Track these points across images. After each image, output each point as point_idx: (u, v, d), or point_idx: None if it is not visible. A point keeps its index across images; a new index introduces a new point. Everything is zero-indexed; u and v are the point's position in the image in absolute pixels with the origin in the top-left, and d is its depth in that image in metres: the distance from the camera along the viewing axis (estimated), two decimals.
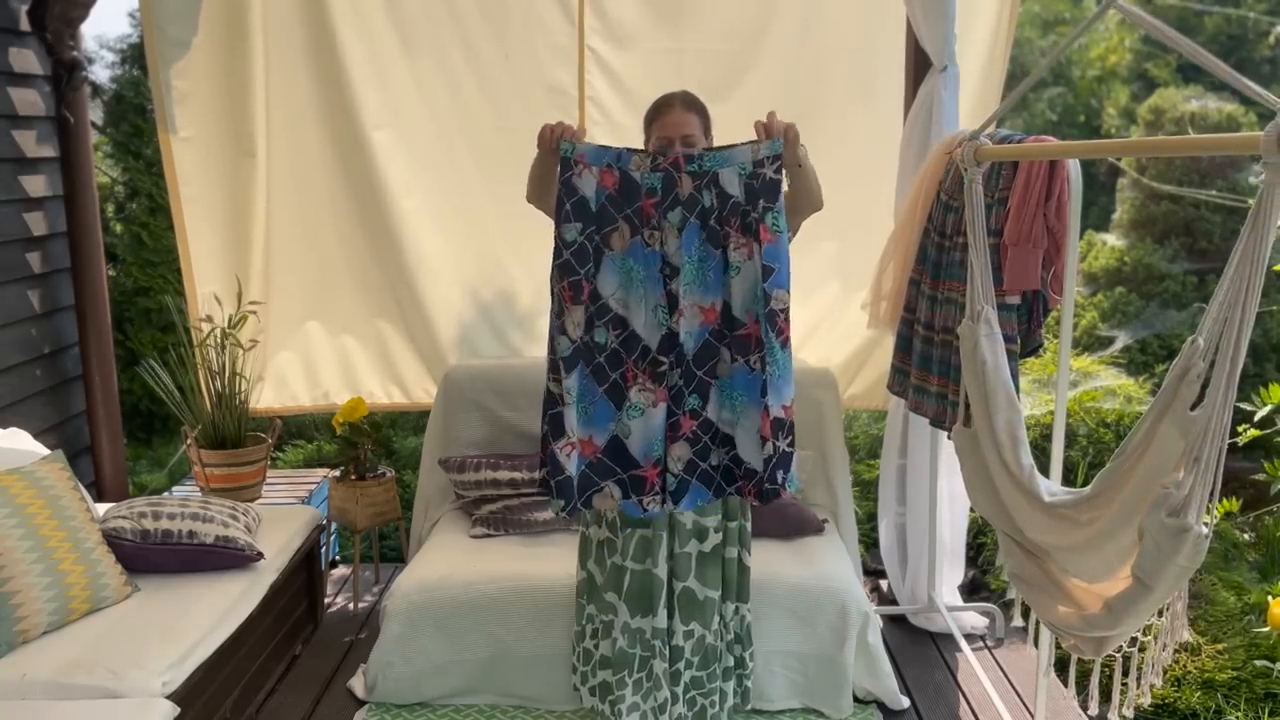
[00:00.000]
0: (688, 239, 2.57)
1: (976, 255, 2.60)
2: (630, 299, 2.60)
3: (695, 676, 2.86)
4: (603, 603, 2.88)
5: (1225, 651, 3.40)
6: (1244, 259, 1.76)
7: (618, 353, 2.61)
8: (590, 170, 2.57)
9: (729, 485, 2.66)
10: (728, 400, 2.63)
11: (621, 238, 2.58)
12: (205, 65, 3.88)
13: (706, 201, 2.56)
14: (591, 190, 2.57)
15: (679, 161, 2.57)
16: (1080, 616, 2.19)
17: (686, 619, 2.81)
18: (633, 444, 2.62)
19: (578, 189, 2.57)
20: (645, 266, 2.58)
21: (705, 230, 2.57)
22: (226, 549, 3.11)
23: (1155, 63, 10.63)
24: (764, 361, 2.56)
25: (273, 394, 4.26)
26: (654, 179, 2.57)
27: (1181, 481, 1.85)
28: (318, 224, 4.11)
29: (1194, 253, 7.27)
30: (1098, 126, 10.69)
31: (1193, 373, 1.85)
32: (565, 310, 2.59)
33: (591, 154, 2.57)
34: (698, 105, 2.77)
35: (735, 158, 2.56)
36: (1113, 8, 2.24)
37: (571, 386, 2.59)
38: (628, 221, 2.58)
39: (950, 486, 3.68)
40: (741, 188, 2.55)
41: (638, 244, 2.58)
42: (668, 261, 2.58)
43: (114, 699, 2.49)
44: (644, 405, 2.60)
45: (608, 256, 2.59)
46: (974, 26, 3.74)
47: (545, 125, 2.62)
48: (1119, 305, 7.00)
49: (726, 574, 2.86)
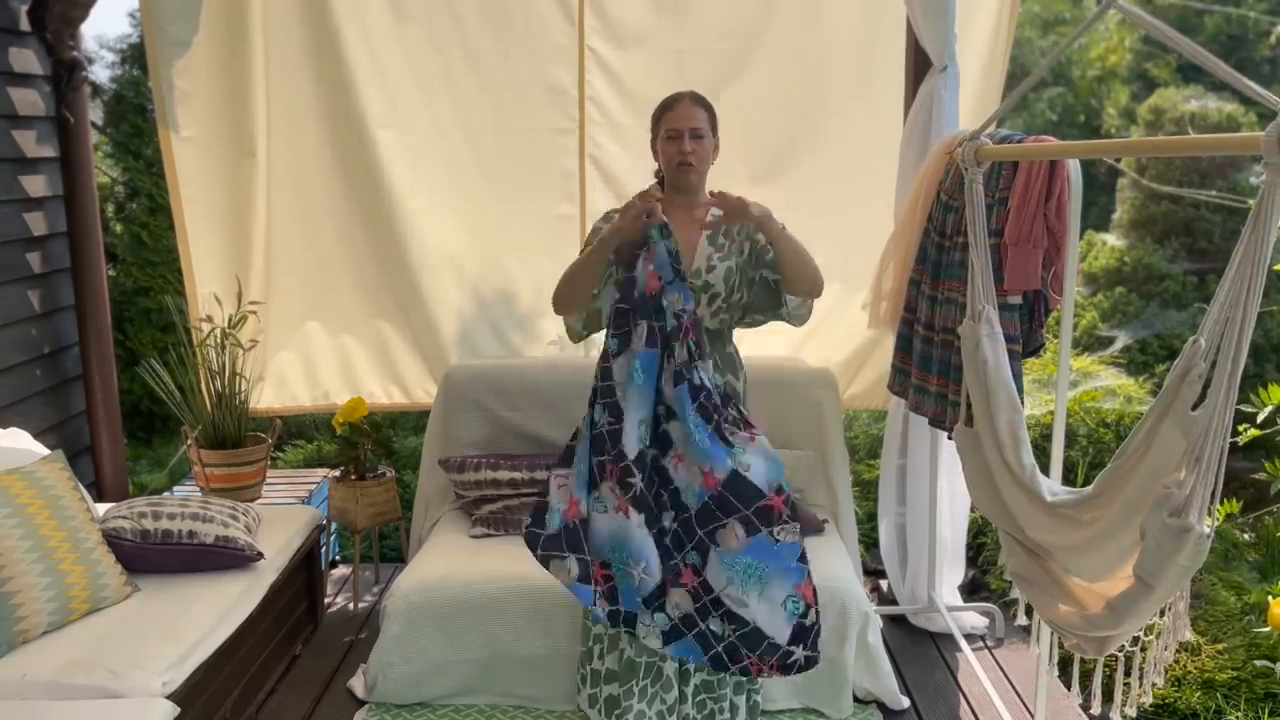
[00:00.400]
0: (679, 396, 2.63)
1: (977, 255, 2.60)
2: (628, 400, 2.64)
3: (705, 680, 2.86)
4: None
5: (1225, 651, 3.40)
6: (1245, 259, 1.76)
7: (604, 438, 2.67)
8: (644, 263, 2.64)
9: (733, 663, 2.66)
10: (738, 576, 2.63)
11: (639, 339, 2.64)
12: (206, 65, 3.89)
13: (695, 379, 2.64)
14: (642, 279, 2.64)
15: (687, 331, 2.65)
16: (1082, 616, 2.19)
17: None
18: (596, 533, 2.67)
19: (635, 268, 2.65)
20: (648, 377, 2.65)
21: (695, 404, 2.64)
22: (226, 549, 3.11)
23: (1155, 63, 10.64)
24: (798, 532, 2.64)
25: (273, 394, 4.26)
26: (673, 323, 2.65)
27: (1183, 481, 1.85)
28: (318, 224, 4.11)
29: (1194, 253, 7.27)
30: (1098, 126, 10.69)
31: (1194, 373, 1.85)
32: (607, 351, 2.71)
33: (661, 253, 2.65)
34: (706, 103, 2.82)
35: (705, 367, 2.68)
36: (1113, 8, 2.24)
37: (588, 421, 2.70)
38: (650, 328, 2.65)
39: (950, 486, 3.68)
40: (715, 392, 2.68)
41: (651, 355, 2.64)
42: (662, 398, 2.66)
43: (114, 699, 2.49)
44: (607, 504, 2.66)
45: (626, 351, 2.65)
46: (974, 26, 3.74)
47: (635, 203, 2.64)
48: (1119, 305, 7.00)
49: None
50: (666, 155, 2.78)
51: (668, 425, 2.66)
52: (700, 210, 2.83)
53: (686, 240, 2.81)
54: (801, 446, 3.75)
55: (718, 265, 2.80)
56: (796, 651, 2.64)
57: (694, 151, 2.74)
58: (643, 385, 2.64)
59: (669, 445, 2.66)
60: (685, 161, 2.74)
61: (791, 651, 2.64)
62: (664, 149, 2.78)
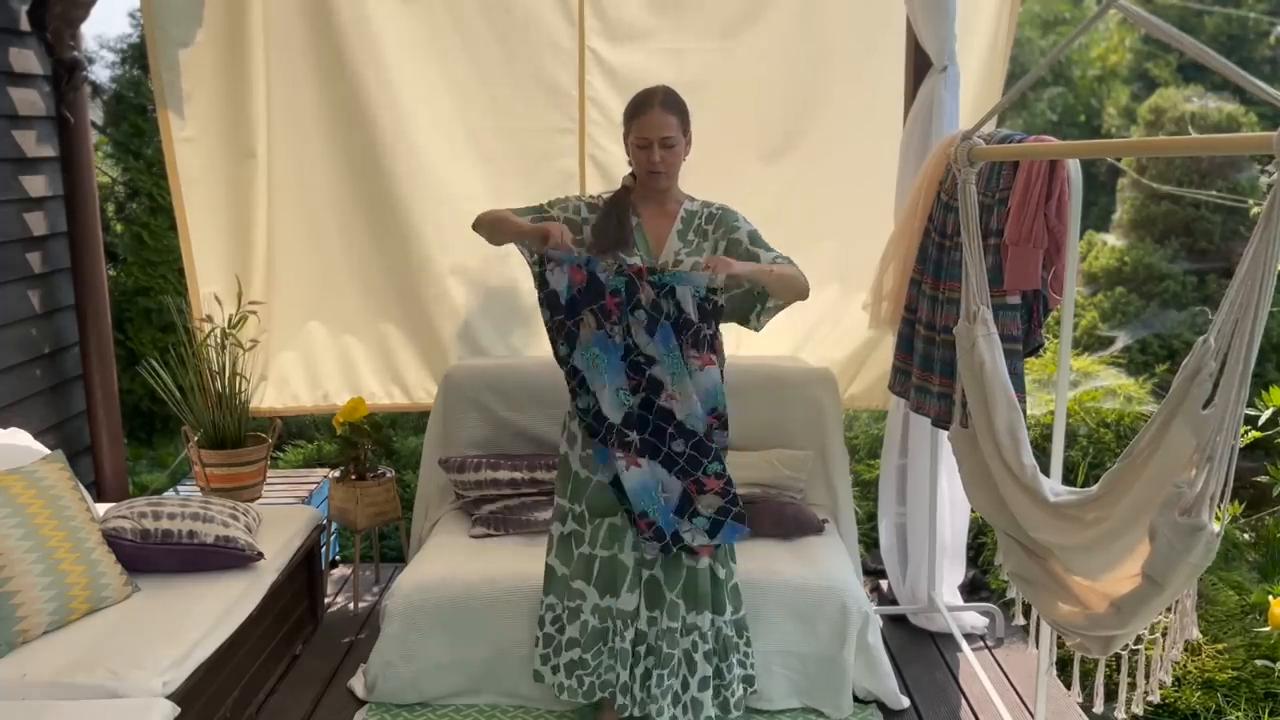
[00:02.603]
0: (662, 337, 2.73)
1: (971, 255, 2.60)
2: (594, 382, 2.78)
3: (646, 669, 2.90)
4: (570, 591, 2.92)
5: (1225, 651, 3.40)
6: (1256, 257, 1.76)
7: (600, 415, 2.80)
8: (561, 268, 2.75)
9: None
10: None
11: (588, 328, 2.77)
12: (207, 65, 3.89)
13: (667, 309, 2.73)
14: (562, 286, 2.75)
15: (642, 272, 2.73)
16: (1086, 615, 2.19)
17: (652, 605, 2.87)
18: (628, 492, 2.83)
19: (549, 283, 2.76)
20: (607, 355, 2.77)
21: (675, 330, 2.74)
22: (227, 549, 3.11)
23: (1155, 63, 10.64)
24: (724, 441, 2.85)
25: (274, 394, 4.27)
26: (618, 281, 2.74)
27: (1193, 480, 1.85)
28: (320, 224, 4.11)
29: (1194, 253, 7.27)
30: (1098, 126, 10.69)
31: (1204, 372, 1.85)
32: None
33: (563, 256, 2.75)
34: (677, 105, 2.82)
35: (692, 280, 2.72)
36: (1114, 7, 2.23)
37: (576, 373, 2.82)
38: (593, 315, 2.75)
39: (950, 486, 3.68)
40: (695, 308, 2.72)
41: (601, 336, 2.76)
42: (637, 351, 2.76)
43: (114, 699, 2.49)
44: (623, 467, 2.81)
45: (579, 344, 2.78)
46: (974, 26, 3.74)
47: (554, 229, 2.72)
48: (1119, 305, 7.00)
49: (697, 584, 2.87)
50: (638, 162, 2.83)
51: (652, 371, 2.76)
52: (672, 205, 2.90)
53: (656, 233, 2.88)
54: (801, 446, 3.75)
55: (684, 260, 2.84)
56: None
57: (664, 160, 2.79)
58: (607, 361, 2.77)
59: (659, 388, 2.76)
60: (655, 171, 2.80)
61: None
62: (635, 154, 2.83)
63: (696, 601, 2.87)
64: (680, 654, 2.89)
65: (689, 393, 2.75)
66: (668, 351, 2.73)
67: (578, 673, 2.93)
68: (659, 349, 2.73)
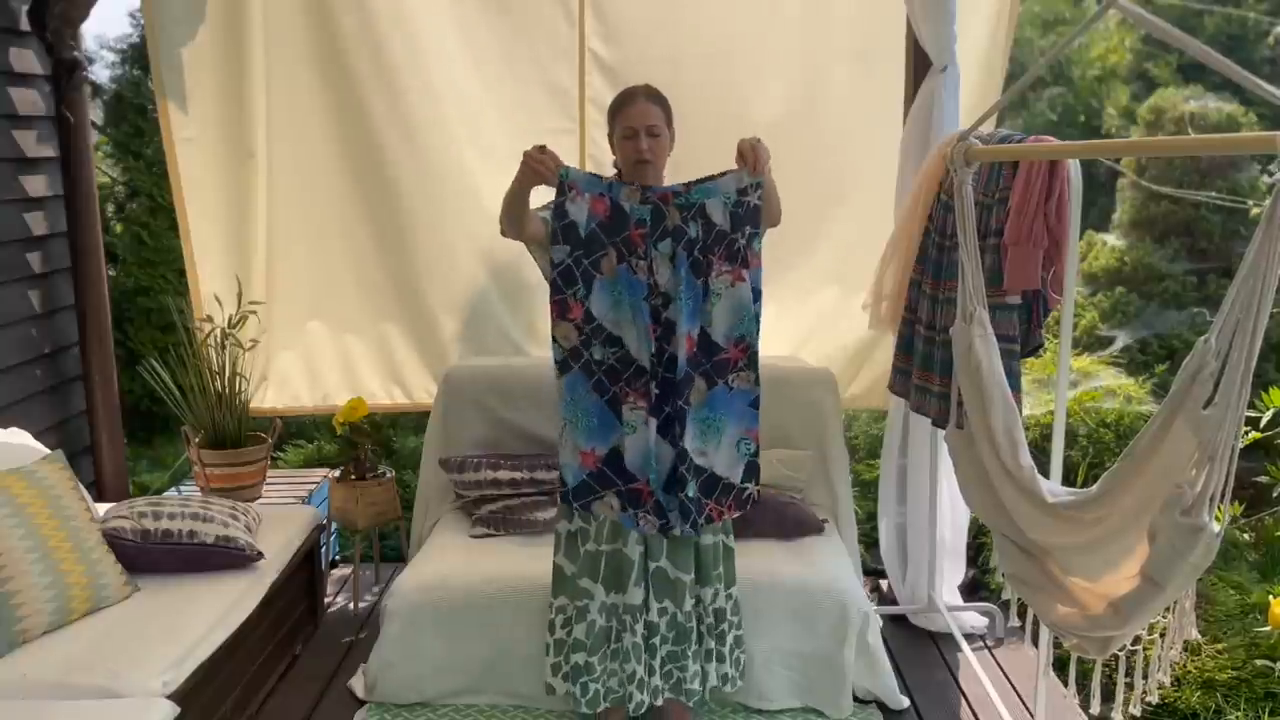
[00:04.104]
0: (678, 268, 2.67)
1: (967, 256, 2.59)
2: (621, 320, 2.72)
3: (671, 651, 2.89)
4: (577, 589, 2.89)
5: (1225, 651, 3.40)
6: (1258, 257, 1.76)
7: (615, 368, 2.74)
8: (583, 197, 2.66)
9: (699, 515, 2.76)
10: (702, 428, 2.75)
11: (610, 263, 2.69)
12: (207, 65, 3.89)
13: (693, 232, 2.66)
14: (583, 216, 2.66)
15: (668, 196, 2.67)
16: (1084, 616, 2.19)
17: (660, 597, 2.87)
18: (629, 460, 2.75)
19: (568, 214, 2.66)
20: (631, 293, 2.69)
21: (691, 260, 2.68)
22: (227, 549, 3.11)
23: (1155, 63, 10.64)
24: (754, 380, 2.77)
25: (275, 394, 4.27)
26: (643, 211, 2.68)
27: (1194, 480, 1.85)
28: (320, 223, 4.11)
29: (1194, 253, 7.27)
30: (1098, 126, 10.69)
31: (1205, 371, 1.85)
32: (554, 323, 2.73)
33: (585, 182, 2.66)
34: (660, 97, 2.84)
35: (720, 188, 2.66)
36: (1114, 8, 2.23)
37: (564, 389, 2.74)
38: (615, 249, 2.68)
39: (950, 486, 3.67)
40: (727, 216, 2.66)
41: (624, 271, 2.69)
42: (656, 290, 2.69)
43: (114, 699, 2.49)
44: (636, 423, 2.74)
45: (598, 280, 2.69)
46: (974, 26, 3.74)
47: (532, 153, 2.65)
48: (1119, 305, 7.00)
49: (706, 559, 2.89)
50: (624, 153, 2.82)
51: (667, 313, 2.70)
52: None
53: None
54: (801, 446, 3.75)
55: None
56: (750, 487, 2.82)
57: (650, 149, 2.78)
58: (632, 301, 2.69)
59: (672, 333, 2.70)
60: (643, 159, 2.79)
61: (745, 488, 2.81)
62: (621, 147, 2.82)
63: (709, 577, 2.89)
64: (696, 630, 2.89)
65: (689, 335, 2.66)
66: (688, 286, 2.64)
67: (583, 679, 2.88)
68: (680, 282, 2.64)
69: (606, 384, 2.74)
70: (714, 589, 2.91)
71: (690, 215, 2.65)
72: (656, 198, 2.66)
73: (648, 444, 2.72)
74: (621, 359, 2.72)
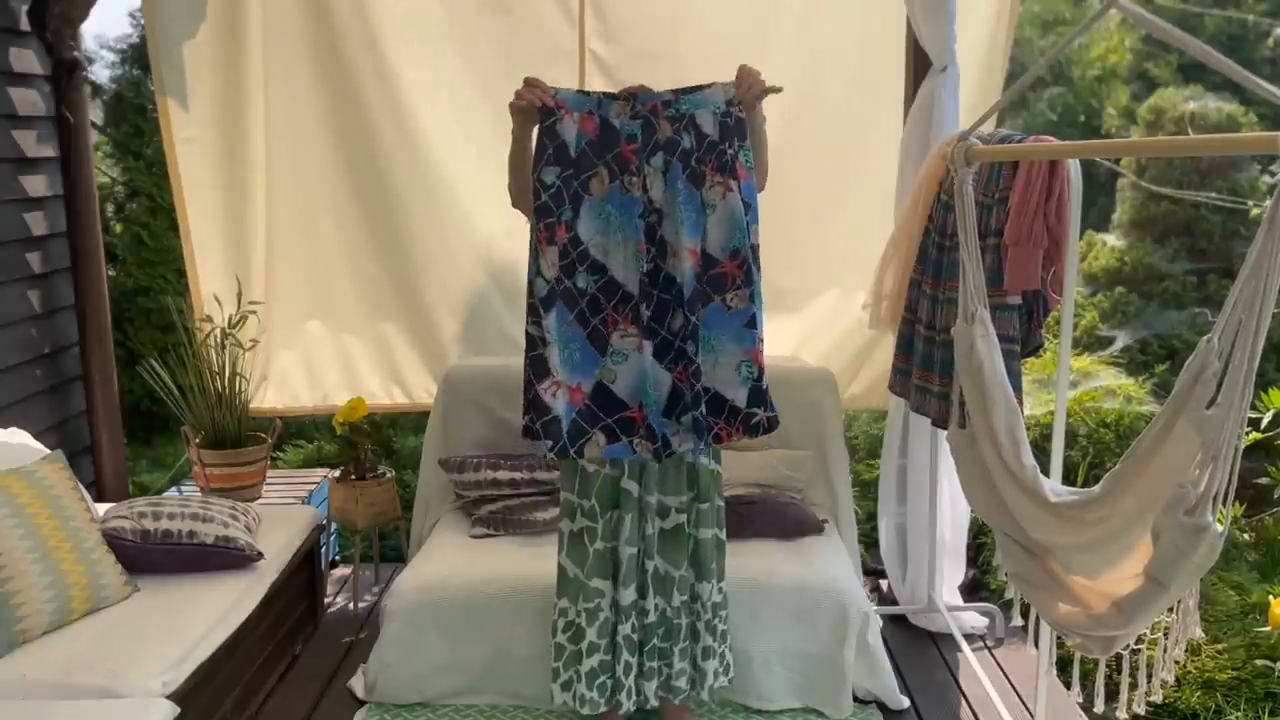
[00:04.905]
0: (673, 181, 2.62)
1: (968, 256, 2.59)
2: (609, 244, 2.67)
3: (660, 648, 2.89)
4: (587, 591, 2.86)
5: (1225, 651, 3.40)
6: (1260, 256, 1.76)
7: (597, 298, 2.68)
8: (571, 116, 2.63)
9: (708, 432, 2.69)
10: (705, 344, 2.69)
11: (601, 183, 2.65)
12: (207, 65, 3.88)
13: (686, 143, 2.63)
14: (572, 136, 2.63)
15: (657, 108, 2.64)
16: (1087, 616, 2.18)
17: (654, 592, 2.87)
18: (619, 388, 2.70)
19: (559, 134, 2.62)
20: (623, 212, 2.65)
21: (687, 172, 2.63)
22: (227, 549, 3.11)
23: (1155, 63, 10.64)
24: (750, 298, 2.66)
25: (274, 394, 4.27)
26: (634, 126, 2.64)
27: (1198, 480, 1.85)
28: (320, 223, 4.11)
29: (1194, 253, 7.27)
30: (1098, 126, 10.69)
31: (1208, 372, 1.85)
32: (541, 251, 2.66)
33: (573, 100, 2.63)
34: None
35: (710, 98, 2.63)
36: (1114, 7, 2.23)
37: (551, 326, 2.66)
38: (607, 167, 2.64)
39: (950, 486, 3.67)
40: (716, 126, 2.63)
41: (616, 190, 2.65)
42: (651, 207, 2.64)
43: (114, 699, 2.48)
44: (627, 350, 2.68)
45: (587, 202, 2.65)
46: (974, 26, 3.74)
47: (518, 91, 2.63)
48: (1119, 305, 7.00)
49: (702, 554, 2.88)
50: None
51: (662, 230, 2.65)
52: None
53: None
54: (801, 446, 3.75)
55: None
56: (758, 413, 2.71)
57: None
58: (623, 219, 2.64)
59: (666, 251, 2.66)
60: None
61: (753, 413, 2.71)
62: None
63: (703, 571, 2.88)
64: (687, 625, 2.89)
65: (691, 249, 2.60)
66: (688, 198, 2.60)
67: (601, 679, 2.85)
68: (675, 197, 2.60)
69: (588, 315, 2.68)
70: (710, 584, 2.90)
71: (682, 126, 2.62)
72: (646, 109, 2.63)
73: (643, 368, 2.66)
74: (605, 287, 2.67)
